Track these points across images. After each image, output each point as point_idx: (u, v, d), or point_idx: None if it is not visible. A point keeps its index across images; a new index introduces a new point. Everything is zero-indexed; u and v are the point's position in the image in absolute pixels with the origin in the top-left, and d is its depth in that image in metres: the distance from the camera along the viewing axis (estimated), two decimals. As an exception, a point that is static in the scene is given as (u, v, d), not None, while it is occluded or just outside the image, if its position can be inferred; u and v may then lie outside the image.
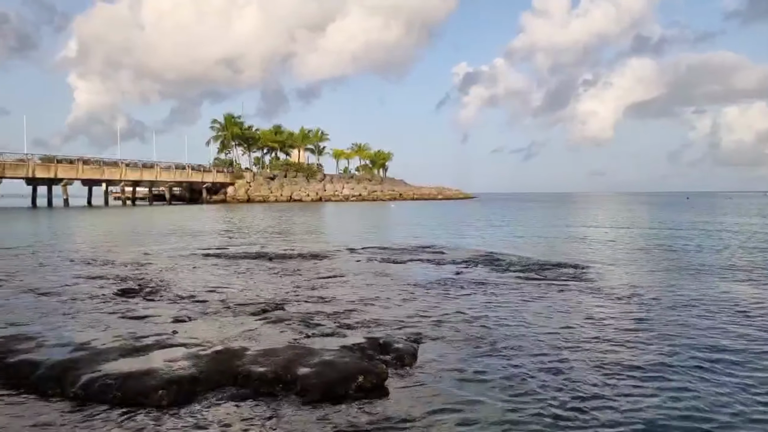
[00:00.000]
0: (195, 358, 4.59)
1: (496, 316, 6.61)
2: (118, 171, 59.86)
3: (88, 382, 4.08)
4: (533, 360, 4.92)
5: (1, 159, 49.46)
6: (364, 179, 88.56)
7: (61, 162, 54.58)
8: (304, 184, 78.43)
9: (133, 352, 4.75)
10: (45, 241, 17.59)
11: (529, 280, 9.36)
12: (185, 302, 7.24)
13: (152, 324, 5.98)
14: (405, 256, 12.89)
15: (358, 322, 6.11)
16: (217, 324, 6.10)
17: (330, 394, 4.07)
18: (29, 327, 5.59)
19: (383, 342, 5.09)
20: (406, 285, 8.84)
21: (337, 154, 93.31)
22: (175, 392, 4.02)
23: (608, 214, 38.92)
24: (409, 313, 6.75)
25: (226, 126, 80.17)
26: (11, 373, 4.36)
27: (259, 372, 4.36)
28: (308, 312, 6.65)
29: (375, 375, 4.31)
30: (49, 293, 7.87)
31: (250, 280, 9.35)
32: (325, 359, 4.51)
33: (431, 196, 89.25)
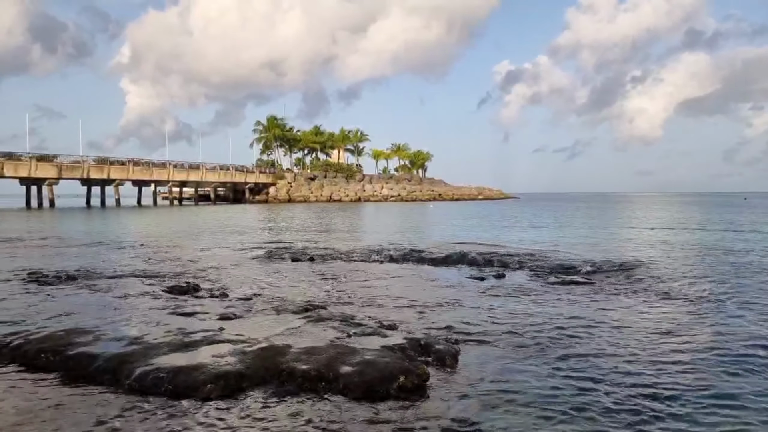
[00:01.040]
0: (241, 354, 4.73)
1: (541, 320, 6.49)
2: (165, 172, 62.09)
3: (141, 375, 4.28)
4: (581, 367, 4.81)
5: (59, 161, 52.15)
6: (403, 179, 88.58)
7: (114, 163, 57.11)
8: (344, 184, 79.18)
9: (183, 348, 4.93)
10: (100, 239, 18.46)
11: (577, 283, 9.14)
12: (230, 300, 7.46)
13: (200, 321, 6.19)
14: (445, 257, 12.83)
15: (399, 323, 6.14)
16: (261, 322, 6.26)
17: (371, 392, 4.11)
18: (86, 321, 5.89)
19: (424, 343, 5.10)
20: (446, 286, 8.81)
21: (377, 155, 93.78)
22: (222, 387, 4.16)
23: (659, 215, 37.55)
24: (450, 314, 6.73)
25: (269, 127, 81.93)
26: (71, 364, 4.61)
27: (302, 369, 4.44)
28: (349, 312, 6.73)
29: (416, 375, 4.32)
30: (104, 289, 8.25)
31: (292, 280, 9.54)
32: (366, 358, 4.55)
33: (471, 196, 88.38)
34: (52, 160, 51.59)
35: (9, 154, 49.01)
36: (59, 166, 51.66)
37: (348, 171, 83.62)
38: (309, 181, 78.00)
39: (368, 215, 40.71)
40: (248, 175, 73.62)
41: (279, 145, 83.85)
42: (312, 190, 75.75)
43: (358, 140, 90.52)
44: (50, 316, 6.25)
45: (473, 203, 71.08)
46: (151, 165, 61.29)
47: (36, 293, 7.75)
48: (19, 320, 5.98)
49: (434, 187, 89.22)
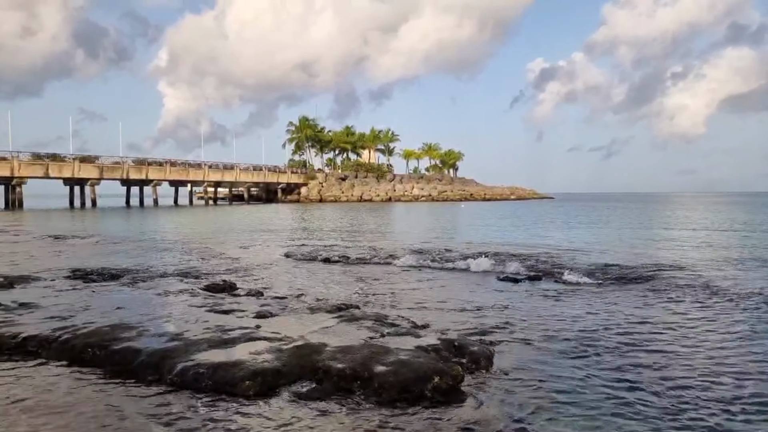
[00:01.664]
0: (277, 351, 4.81)
1: (578, 322, 6.38)
2: (201, 172, 63.60)
3: (183, 370, 4.40)
4: (623, 373, 4.70)
5: (100, 162, 54.07)
6: (434, 179, 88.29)
7: (152, 164, 58.86)
8: (374, 184, 79.47)
9: (221, 344, 5.05)
10: (140, 238, 19.06)
11: (617, 285, 8.93)
12: (266, 299, 7.59)
13: (237, 318, 6.32)
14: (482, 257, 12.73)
15: (432, 324, 6.13)
16: (296, 320, 6.34)
17: (406, 392, 4.12)
18: (129, 317, 6.09)
19: (458, 344, 5.08)
20: (479, 288, 8.74)
21: (407, 154, 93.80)
22: (260, 383, 4.25)
23: (702, 215, 36.29)
24: (485, 316, 6.68)
25: (301, 128, 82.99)
26: (116, 359, 4.78)
27: (337, 368, 4.49)
28: (382, 312, 6.76)
29: (450, 377, 4.31)
30: (145, 287, 8.52)
31: (324, 279, 9.63)
32: (400, 358, 4.57)
33: (503, 196, 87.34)
34: (94, 161, 53.53)
35: (54, 155, 51.09)
36: (100, 167, 53.58)
37: (378, 171, 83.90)
38: (340, 182, 78.59)
39: (399, 215, 40.73)
40: (280, 176, 74.72)
41: (310, 145, 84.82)
42: (343, 190, 76.29)
43: (389, 140, 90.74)
44: (95, 312, 6.49)
45: (506, 203, 70.19)
46: (187, 166, 62.88)
47: (81, 290, 8.06)
48: (66, 315, 6.22)
49: (466, 186, 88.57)
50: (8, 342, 5.17)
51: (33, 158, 48.83)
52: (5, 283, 8.34)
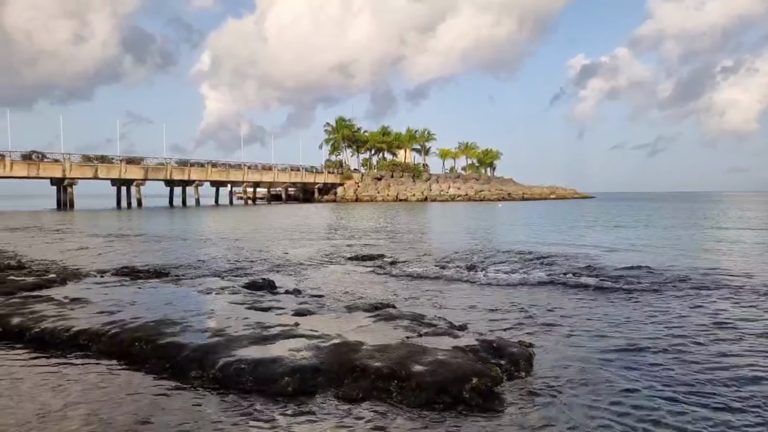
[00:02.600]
0: (316, 349, 4.86)
1: (623, 326, 6.18)
2: (240, 173, 65.01)
3: (224, 366, 4.51)
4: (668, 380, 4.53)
5: (145, 163, 56.03)
6: (471, 178, 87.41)
7: (194, 165, 60.58)
8: (410, 184, 79.34)
9: (262, 341, 5.14)
10: (183, 237, 19.65)
11: (665, 289, 8.61)
12: (304, 297, 7.69)
13: (276, 315, 6.42)
14: (517, 258, 12.54)
15: (470, 324, 6.07)
16: (334, 318, 6.40)
17: (444, 393, 4.09)
18: (174, 313, 6.28)
19: (497, 345, 5.01)
20: (517, 289, 8.60)
21: (444, 154, 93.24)
22: (299, 380, 4.30)
23: (756, 215, 34.61)
24: (523, 317, 6.57)
25: (337, 128, 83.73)
26: (161, 353, 4.93)
27: (375, 366, 4.50)
28: (418, 311, 6.73)
29: (489, 378, 4.25)
30: (189, 283, 8.77)
31: (361, 278, 9.69)
32: (438, 358, 4.54)
33: (543, 195, 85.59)
34: (140, 163, 55.51)
35: (102, 157, 53.25)
36: (146, 168, 55.52)
37: (414, 170, 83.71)
38: (376, 181, 78.86)
39: (435, 215, 40.53)
40: (317, 176, 75.60)
41: (347, 145, 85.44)
42: (379, 190, 76.49)
43: (425, 140, 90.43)
44: (141, 307, 6.72)
45: (545, 203, 68.78)
46: (227, 166, 64.38)
47: (129, 286, 8.36)
48: (114, 311, 6.47)
49: (503, 186, 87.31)
50: (61, 335, 5.42)
51: (83, 160, 51.06)
52: (58, 280, 8.75)
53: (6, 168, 45.14)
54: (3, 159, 45.14)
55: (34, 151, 48.22)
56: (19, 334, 5.59)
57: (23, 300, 6.91)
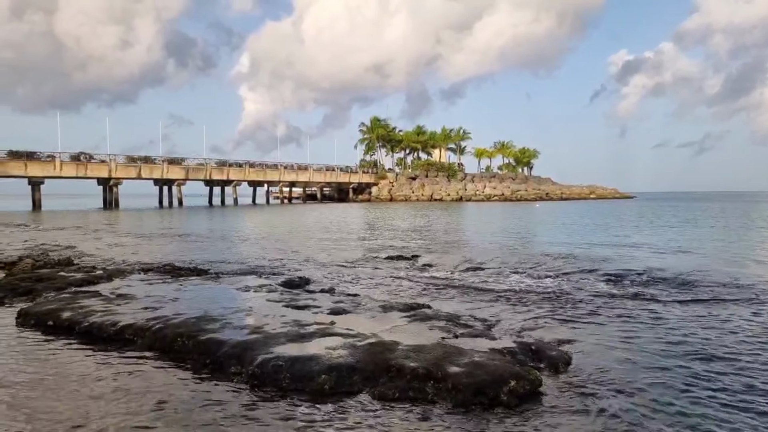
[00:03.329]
0: (352, 348, 4.89)
1: (669, 334, 5.94)
2: (277, 173, 66.04)
3: (263, 362, 4.58)
4: (716, 390, 4.35)
5: (186, 164, 57.63)
6: (507, 178, 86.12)
7: (232, 166, 61.90)
8: (445, 183, 78.80)
9: (298, 339, 5.21)
10: (223, 235, 20.12)
11: (716, 294, 8.25)
12: (339, 295, 7.74)
13: (312, 314, 6.50)
14: (556, 260, 12.30)
15: (507, 326, 5.98)
16: (369, 317, 6.42)
17: (481, 395, 4.05)
18: (213, 310, 6.44)
19: (535, 348, 4.92)
20: (555, 291, 8.43)
21: (479, 153, 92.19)
22: (335, 378, 4.33)
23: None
24: (564, 321, 6.42)
25: (372, 128, 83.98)
26: (202, 349, 5.06)
27: (410, 367, 4.49)
28: (455, 312, 6.68)
29: (528, 381, 4.18)
30: (227, 281, 8.97)
31: (396, 277, 9.68)
32: (475, 360, 4.49)
33: (582, 195, 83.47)
34: (181, 163, 57.12)
35: (146, 157, 55.06)
36: (186, 169, 57.10)
37: (449, 170, 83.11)
38: (410, 181, 78.69)
39: (470, 215, 40.15)
40: (352, 176, 76.02)
41: (381, 145, 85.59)
42: (413, 190, 76.32)
43: (460, 139, 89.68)
44: (183, 304, 6.91)
45: (584, 203, 67.04)
46: (264, 167, 65.51)
47: (171, 283, 8.62)
48: (158, 306, 6.68)
49: (541, 185, 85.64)
50: (108, 330, 5.63)
51: (127, 161, 52.95)
52: (105, 276, 9.10)
53: (56, 168, 47.26)
54: (53, 160, 47.29)
55: (82, 153, 50.32)
56: (69, 327, 5.83)
57: (73, 295, 7.21)
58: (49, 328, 5.90)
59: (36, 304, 6.81)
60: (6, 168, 44.73)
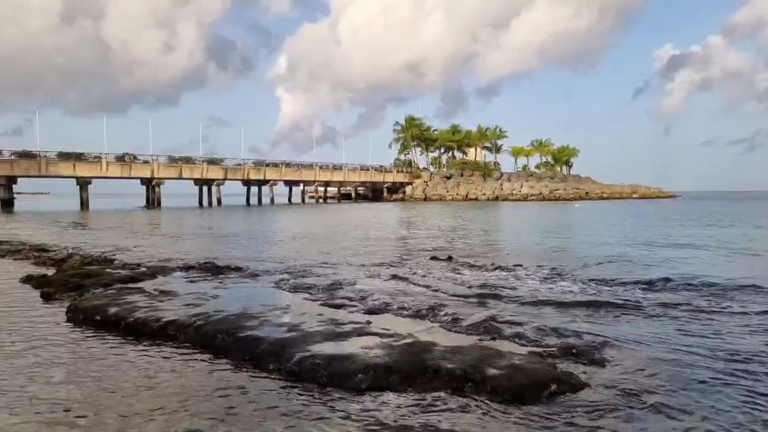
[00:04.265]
0: (388, 347, 4.88)
1: (720, 340, 5.67)
2: (312, 173, 66.79)
3: (300, 360, 4.63)
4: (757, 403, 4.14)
5: (225, 164, 59.02)
6: (545, 177, 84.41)
7: (269, 166, 62.99)
8: (481, 182, 77.93)
9: (335, 337, 5.23)
10: (260, 234, 20.48)
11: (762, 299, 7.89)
12: (375, 294, 7.74)
13: (349, 313, 6.53)
14: (598, 262, 11.99)
15: (547, 328, 5.84)
16: (405, 317, 6.41)
17: (520, 398, 3.97)
18: (252, 307, 6.55)
19: (576, 351, 4.79)
20: (601, 294, 8.19)
21: (516, 152, 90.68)
22: (372, 377, 4.33)
23: None
24: (606, 323, 6.23)
25: (407, 127, 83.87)
26: (241, 345, 5.15)
27: (448, 368, 4.44)
28: (492, 313, 6.58)
29: (569, 385, 4.08)
30: (265, 279, 9.11)
31: (432, 277, 9.62)
32: (514, 363, 4.41)
33: (624, 194, 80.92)
34: (220, 164, 58.53)
35: (186, 158, 56.66)
36: (225, 169, 58.47)
37: (485, 169, 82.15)
38: (445, 180, 78.18)
39: (507, 215, 39.59)
40: (386, 175, 76.09)
41: (416, 144, 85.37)
42: (448, 189, 75.78)
43: (496, 137, 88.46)
44: (223, 301, 7.06)
45: (626, 202, 64.94)
46: (300, 166, 66.37)
47: (211, 280, 8.82)
48: (199, 303, 6.85)
49: (580, 185, 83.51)
50: (152, 325, 5.80)
51: (169, 161, 54.61)
52: (149, 273, 9.39)
53: (102, 169, 49.19)
54: (100, 161, 49.22)
55: (126, 154, 52.18)
56: (115, 322, 6.04)
57: (118, 291, 7.47)
58: (96, 323, 6.12)
59: (84, 299, 7.08)
60: (57, 168, 46.87)
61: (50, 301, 7.51)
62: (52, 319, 6.47)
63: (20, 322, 6.34)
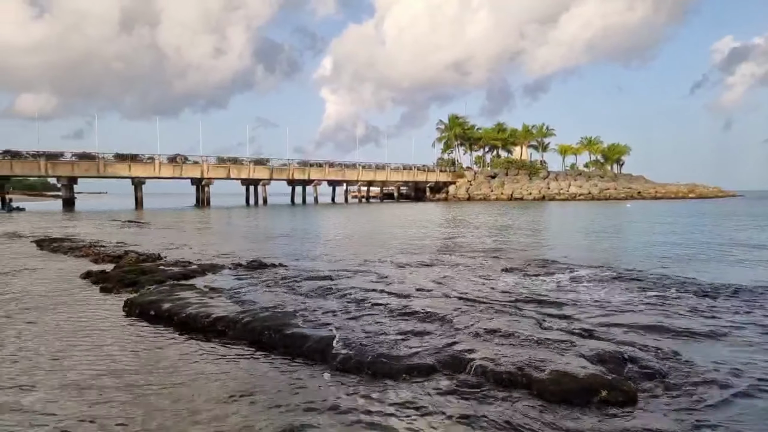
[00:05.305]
0: (433, 347, 4.86)
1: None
2: (355, 173, 67.34)
3: (345, 359, 4.67)
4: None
5: (271, 164, 60.39)
6: (595, 176, 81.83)
7: (313, 166, 63.98)
8: (526, 182, 76.37)
9: (380, 336, 5.25)
10: (304, 233, 20.82)
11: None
12: (419, 294, 7.71)
13: (392, 311, 6.52)
14: (656, 264, 11.53)
15: (596, 331, 5.66)
16: (452, 318, 6.35)
17: (567, 403, 3.86)
18: (298, 304, 6.66)
19: (629, 357, 4.62)
20: (659, 298, 7.86)
21: (563, 150, 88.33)
22: (416, 377, 4.32)
23: None
24: (662, 328, 5.96)
25: (450, 126, 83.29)
26: (288, 342, 5.24)
27: (493, 370, 4.38)
28: (540, 314, 6.43)
29: (621, 392, 3.93)
30: (313, 275, 9.24)
31: (478, 277, 9.50)
32: (563, 367, 4.30)
33: (680, 194, 77.33)
34: (266, 164, 59.94)
35: (234, 159, 58.32)
36: (271, 169, 59.84)
37: (531, 168, 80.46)
38: (489, 179, 77.09)
39: (555, 214, 38.63)
40: (429, 174, 75.76)
41: (459, 143, 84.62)
42: (492, 189, 74.68)
43: (543, 135, 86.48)
44: (271, 298, 7.22)
45: (682, 202, 61.95)
46: (343, 166, 67.04)
47: (258, 278, 9.03)
48: (247, 300, 7.03)
49: (632, 184, 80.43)
50: (203, 321, 6.00)
51: (218, 162, 56.38)
52: (199, 271, 9.71)
53: (156, 170, 51.36)
54: (153, 161, 51.39)
55: (178, 155, 54.22)
56: (168, 317, 6.28)
57: (171, 288, 7.76)
58: (151, 317, 6.38)
59: (140, 294, 7.40)
60: (113, 169, 49.29)
61: (109, 295, 7.90)
62: (111, 312, 6.81)
63: (82, 314, 6.70)
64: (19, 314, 6.74)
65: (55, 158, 47.37)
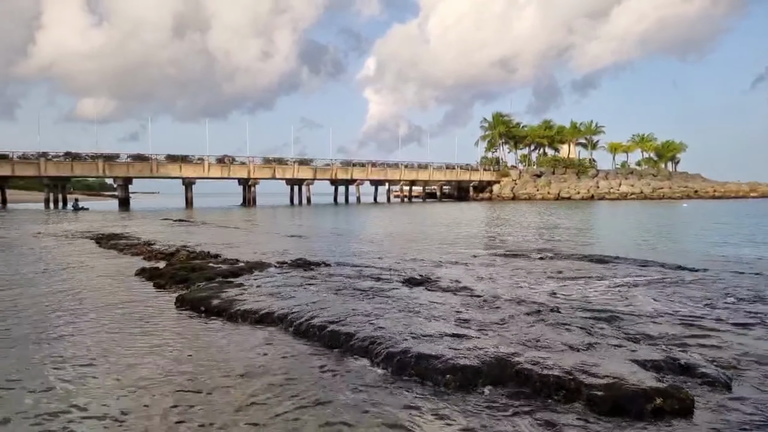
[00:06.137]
0: (477, 349, 4.78)
1: None
2: (398, 172, 67.45)
3: (388, 357, 4.67)
4: None
5: (314, 164, 61.36)
6: (647, 174, 78.75)
7: (355, 165, 64.56)
8: (574, 180, 74.37)
9: (422, 336, 5.22)
10: (348, 232, 21.01)
11: None
12: (462, 294, 7.63)
13: (435, 311, 6.48)
14: (716, 267, 10.99)
15: (651, 337, 5.44)
16: (494, 319, 6.24)
17: (619, 411, 3.72)
18: (342, 303, 6.71)
19: (686, 363, 4.40)
20: (718, 300, 7.49)
21: (613, 148, 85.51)
22: (460, 379, 4.27)
23: None
24: (725, 334, 5.67)
25: (494, 124, 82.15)
26: (332, 340, 5.29)
27: (539, 374, 4.27)
28: (590, 318, 6.24)
29: (677, 400, 3.75)
30: (353, 276, 9.31)
31: (522, 278, 9.32)
32: (613, 372, 4.14)
33: (740, 193, 73.36)
34: (309, 164, 60.93)
35: (279, 159, 59.61)
36: (314, 169, 60.83)
37: (579, 166, 78.27)
38: (535, 178, 75.52)
39: (605, 214, 37.43)
40: (472, 173, 74.98)
41: (504, 142, 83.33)
42: (538, 188, 73.11)
43: (592, 133, 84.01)
44: (315, 296, 7.31)
45: (743, 202, 58.54)
46: (385, 166, 67.29)
47: (303, 276, 9.17)
48: (292, 297, 7.15)
49: (688, 182, 76.93)
50: (251, 317, 6.15)
51: (264, 162, 57.78)
52: (246, 268, 9.94)
53: (205, 170, 53.18)
54: (202, 162, 53.21)
55: (226, 155, 55.95)
56: (217, 313, 6.47)
57: (220, 285, 7.98)
58: (201, 313, 6.59)
59: (190, 291, 7.65)
60: (165, 170, 51.36)
61: (161, 290, 8.21)
62: (164, 306, 7.09)
63: (138, 308, 7.00)
64: (78, 307, 7.10)
65: (112, 160, 49.84)
